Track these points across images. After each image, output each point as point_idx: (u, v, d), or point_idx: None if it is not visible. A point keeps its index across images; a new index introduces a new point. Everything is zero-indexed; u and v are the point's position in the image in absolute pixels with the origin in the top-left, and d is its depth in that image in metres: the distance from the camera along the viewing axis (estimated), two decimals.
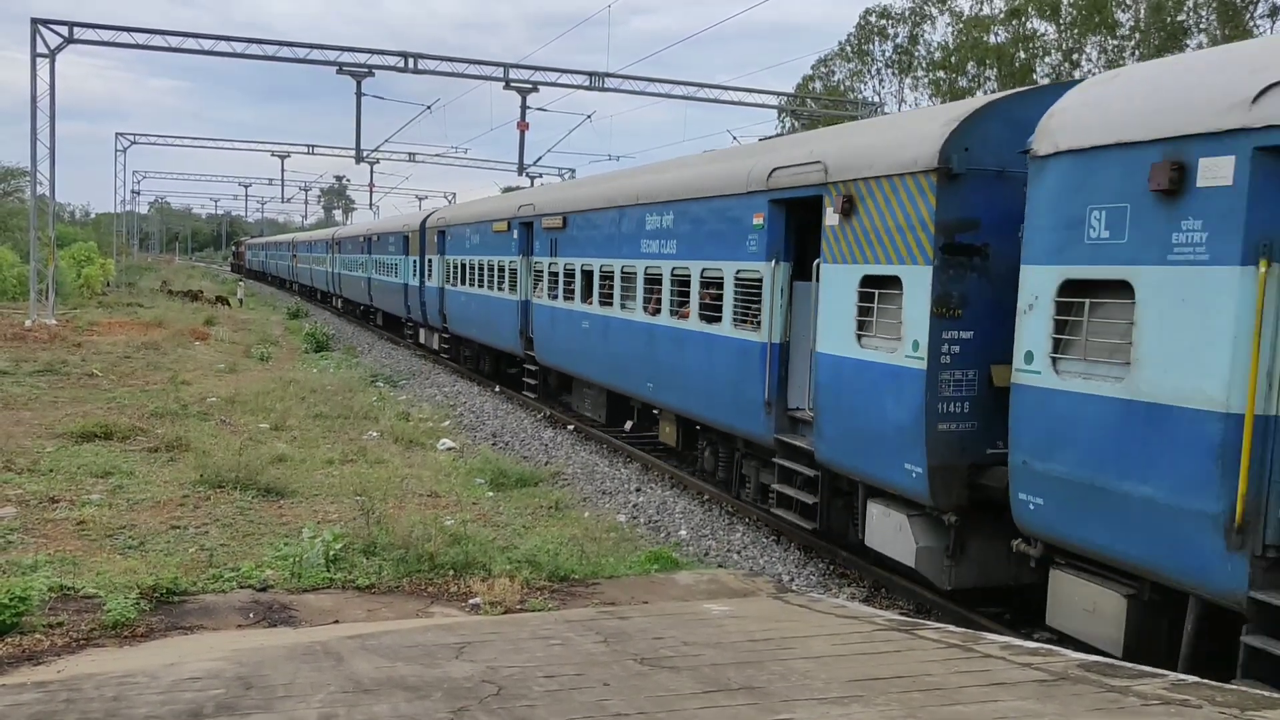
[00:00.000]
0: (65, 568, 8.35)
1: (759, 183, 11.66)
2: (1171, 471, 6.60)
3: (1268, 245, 6.05)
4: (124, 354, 24.76)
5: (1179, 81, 6.94)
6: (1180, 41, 47.73)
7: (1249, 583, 6.12)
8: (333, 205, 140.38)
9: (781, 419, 11.46)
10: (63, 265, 42.05)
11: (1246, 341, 6.15)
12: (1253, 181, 6.11)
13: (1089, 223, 7.25)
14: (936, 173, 8.77)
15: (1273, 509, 6.16)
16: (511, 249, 21.57)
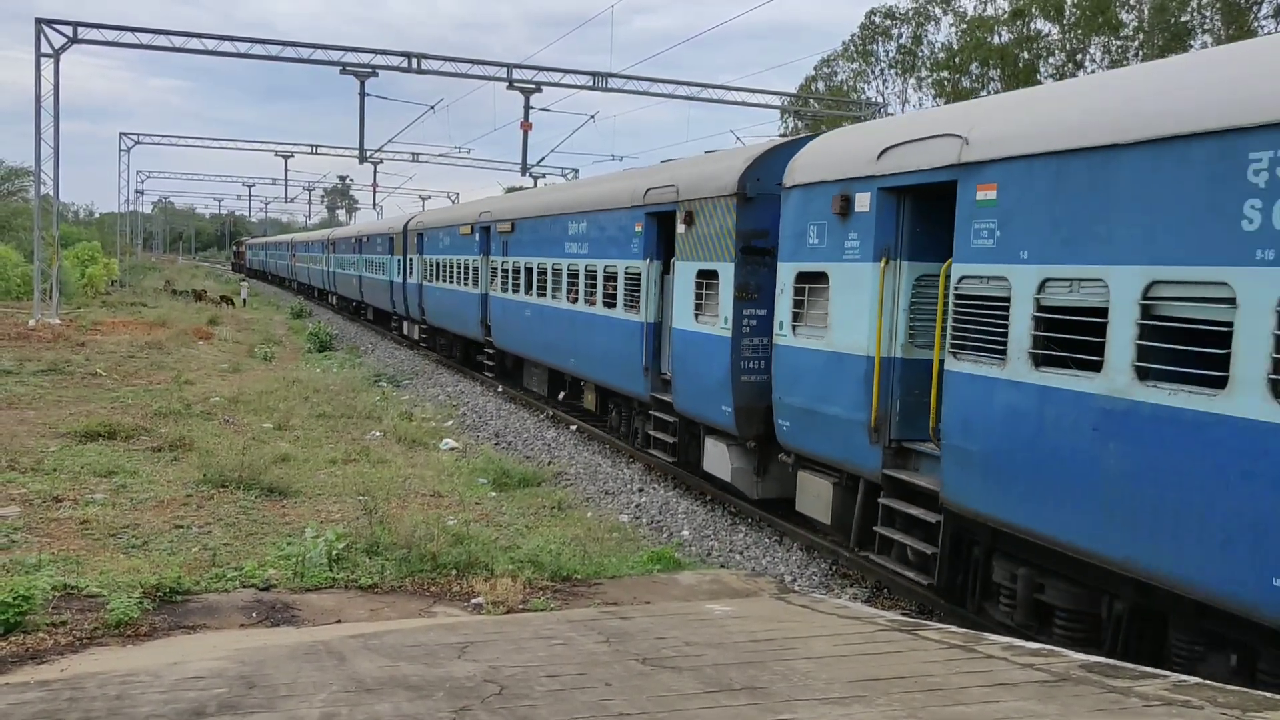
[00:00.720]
0: (68, 567, 8.37)
1: (638, 199, 15.12)
2: (846, 396, 9.96)
3: (885, 249, 9.49)
4: (128, 353, 24.81)
5: (850, 143, 10.45)
6: (1184, 42, 47.68)
7: (882, 464, 9.57)
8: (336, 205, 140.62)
9: (655, 380, 14.80)
10: (66, 265, 42.15)
11: (874, 310, 9.53)
12: (878, 209, 9.55)
13: (809, 234, 10.65)
14: (737, 196, 12.20)
15: (893, 417, 9.54)
16: (474, 249, 24.69)
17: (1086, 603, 7.70)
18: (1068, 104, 7.81)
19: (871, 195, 9.63)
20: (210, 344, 29.38)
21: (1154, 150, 6.65)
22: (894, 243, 9.51)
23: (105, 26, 31.67)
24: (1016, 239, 7.80)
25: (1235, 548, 5.93)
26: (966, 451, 8.30)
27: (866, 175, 9.70)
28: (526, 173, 43.54)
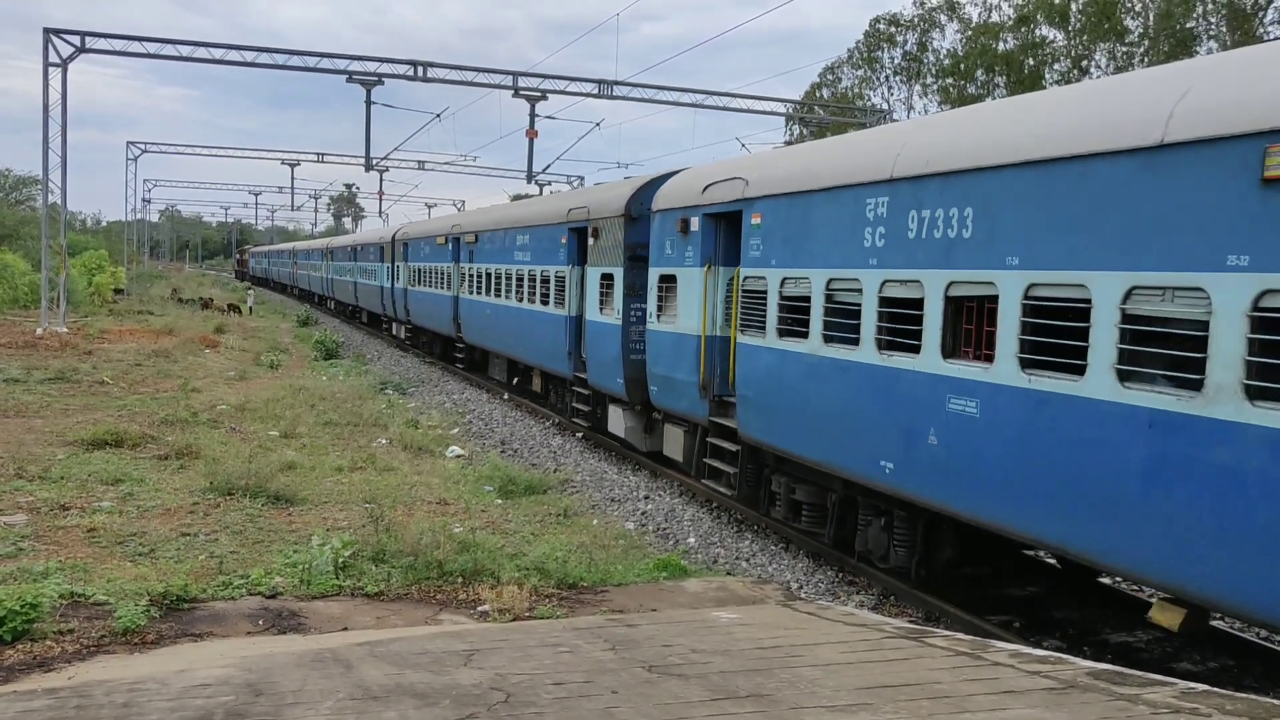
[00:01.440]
0: (76, 574, 8.39)
1: (563, 218, 19.07)
2: (687, 365, 13.47)
3: (708, 258, 13.01)
4: (134, 361, 24.87)
5: (689, 181, 13.95)
6: (1190, 48, 47.65)
7: (709, 413, 13.03)
8: (342, 213, 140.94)
9: (577, 363, 18.42)
10: (74, 273, 42.30)
11: (701, 302, 13.03)
12: (703, 229, 13.08)
13: (666, 245, 14.20)
14: (624, 216, 15.90)
15: (715, 379, 12.96)
16: (447, 257, 28.28)
17: (818, 497, 11.17)
18: (794, 161, 11.63)
19: (700, 219, 13.25)
20: (217, 352, 29.46)
21: (830, 194, 10.37)
22: (714, 253, 13.08)
23: (113, 36, 31.82)
24: (771, 251, 11.45)
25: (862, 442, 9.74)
26: (748, 398, 11.98)
27: (696, 204, 13.36)
28: (532, 180, 43.64)
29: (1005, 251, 7.94)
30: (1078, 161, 7.29)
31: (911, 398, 9.03)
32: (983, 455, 8.15)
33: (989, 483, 8.09)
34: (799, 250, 10.84)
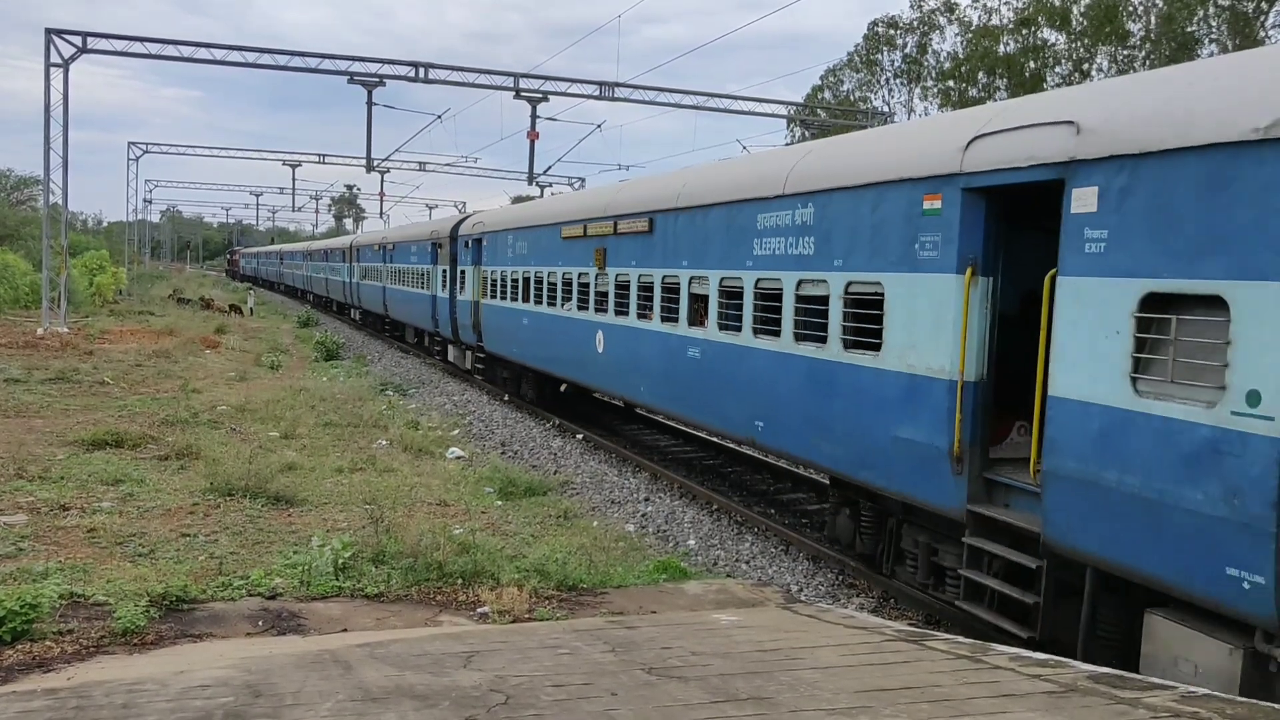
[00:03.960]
0: (76, 575, 8.38)
1: (426, 236, 31.28)
2: (467, 319, 25.59)
3: (475, 261, 25.18)
4: (135, 362, 24.87)
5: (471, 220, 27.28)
6: (1191, 51, 47.67)
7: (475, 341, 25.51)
8: (343, 214, 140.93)
9: (468, 331, 26.28)
10: (75, 273, 42.31)
11: (476, 284, 25.13)
12: (473, 246, 25.52)
13: (463, 255, 26.62)
14: (449, 238, 28.20)
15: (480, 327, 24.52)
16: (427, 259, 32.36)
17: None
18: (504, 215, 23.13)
19: (471, 240, 25.51)
20: (217, 353, 29.46)
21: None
22: (477, 259, 24.79)
23: (114, 36, 31.85)
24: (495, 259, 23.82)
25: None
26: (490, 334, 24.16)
27: (469, 234, 25.65)
28: (533, 182, 43.68)
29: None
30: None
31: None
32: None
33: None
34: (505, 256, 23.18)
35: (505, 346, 23.17)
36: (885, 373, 9.49)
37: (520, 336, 21.78)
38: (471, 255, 25.55)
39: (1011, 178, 8.06)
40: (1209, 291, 6.37)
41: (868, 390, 9.74)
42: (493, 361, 24.93)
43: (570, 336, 18.40)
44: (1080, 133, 7.40)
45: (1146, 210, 6.85)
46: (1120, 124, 7.13)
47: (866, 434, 9.80)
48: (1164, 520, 6.61)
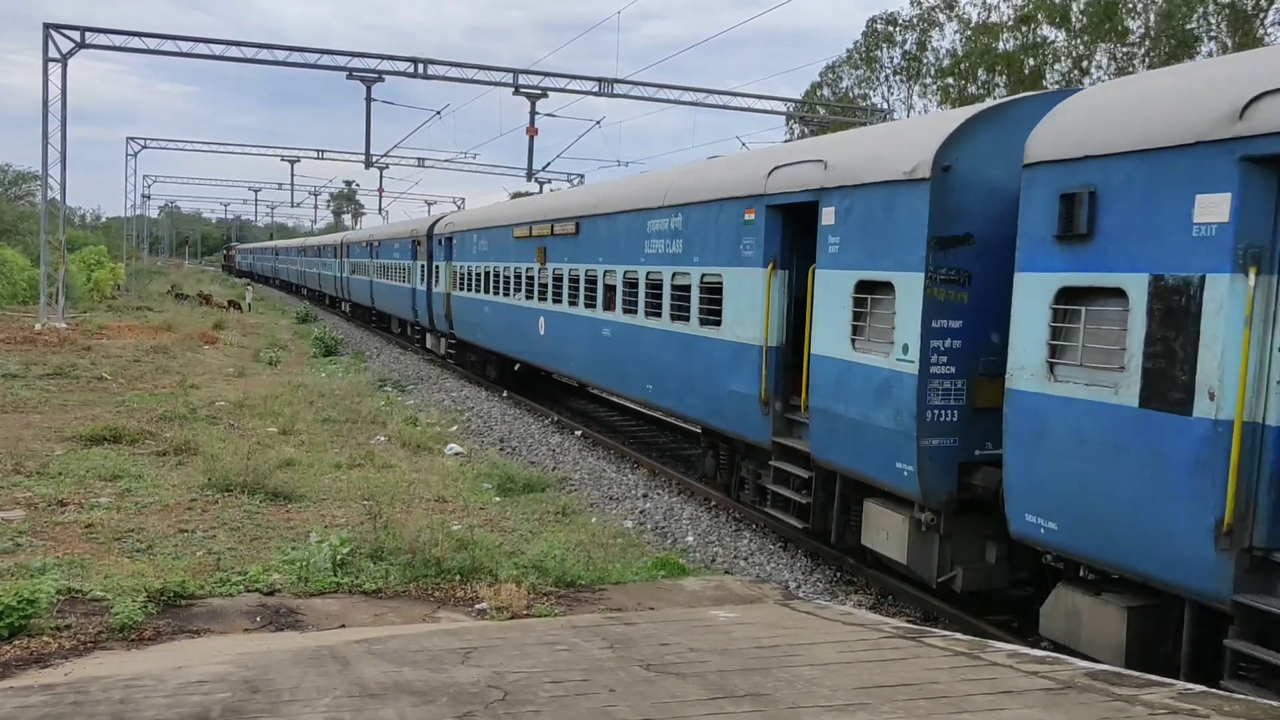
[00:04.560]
0: (73, 570, 8.38)
1: (407, 235, 34.05)
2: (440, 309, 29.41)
3: (447, 258, 28.66)
4: (133, 358, 24.85)
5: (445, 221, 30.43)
6: (1191, 49, 47.64)
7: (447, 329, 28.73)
8: (342, 210, 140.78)
9: (442, 320, 29.09)
10: (73, 269, 42.26)
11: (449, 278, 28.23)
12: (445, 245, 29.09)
13: (439, 253, 29.48)
14: (426, 236, 30.65)
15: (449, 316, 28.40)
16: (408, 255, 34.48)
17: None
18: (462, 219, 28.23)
19: (444, 239, 28.70)
20: (216, 349, 29.43)
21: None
22: (447, 254, 28.05)
23: (113, 31, 31.78)
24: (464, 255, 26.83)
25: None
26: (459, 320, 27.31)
27: (440, 234, 29.17)
28: (532, 178, 43.62)
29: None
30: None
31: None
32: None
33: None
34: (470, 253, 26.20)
35: (471, 333, 26.45)
36: (723, 342, 12.58)
37: (483, 324, 25.04)
38: (444, 252, 28.76)
39: (793, 198, 11.11)
40: (884, 279, 9.41)
41: (714, 356, 12.83)
42: (463, 346, 28.26)
43: (520, 322, 21.55)
44: (827, 169, 10.46)
45: (858, 224, 9.85)
46: (847, 164, 10.17)
47: (714, 389, 12.84)
48: (867, 435, 9.68)
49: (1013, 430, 7.90)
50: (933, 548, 9.20)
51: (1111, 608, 7.22)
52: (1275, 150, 6.06)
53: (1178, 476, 6.54)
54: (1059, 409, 7.42)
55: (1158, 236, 6.74)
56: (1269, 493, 6.24)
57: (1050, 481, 7.52)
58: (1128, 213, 6.98)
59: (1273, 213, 6.20)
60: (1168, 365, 6.62)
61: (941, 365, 8.96)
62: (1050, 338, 7.52)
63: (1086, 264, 7.29)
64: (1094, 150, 7.24)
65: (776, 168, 11.52)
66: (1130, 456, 6.87)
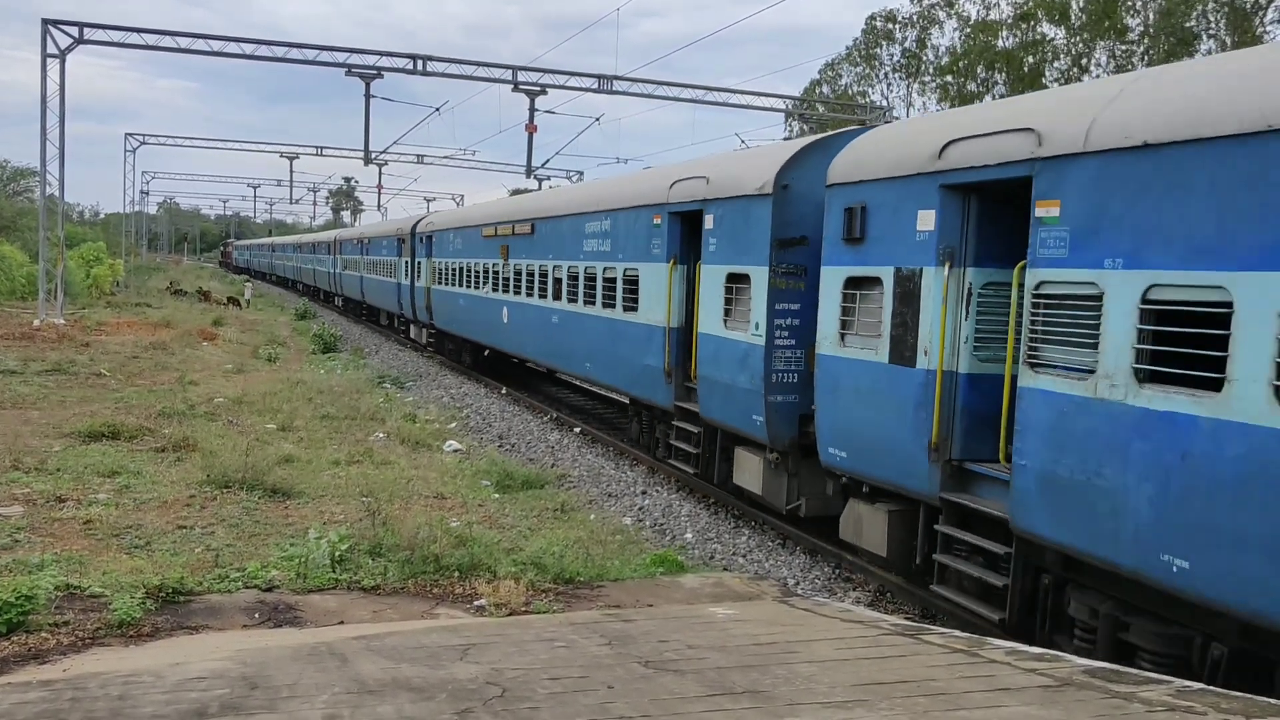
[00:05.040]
0: (72, 567, 8.37)
1: (394, 233, 36.09)
2: (421, 302, 31.59)
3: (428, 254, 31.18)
4: (132, 354, 24.84)
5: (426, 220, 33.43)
6: (1190, 47, 47.62)
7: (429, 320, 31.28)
8: (341, 206, 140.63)
9: (424, 312, 31.23)
10: (71, 265, 42.22)
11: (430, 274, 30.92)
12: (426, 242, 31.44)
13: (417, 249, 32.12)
14: (410, 234, 32.87)
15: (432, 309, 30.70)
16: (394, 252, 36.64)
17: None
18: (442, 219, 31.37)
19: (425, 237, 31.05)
20: (215, 345, 29.42)
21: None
22: (428, 251, 30.46)
23: (111, 27, 31.73)
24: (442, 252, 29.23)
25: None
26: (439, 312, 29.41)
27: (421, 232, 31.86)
28: (531, 175, 43.57)
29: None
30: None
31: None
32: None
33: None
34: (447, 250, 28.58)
35: (448, 323, 29.11)
36: (640, 325, 15.09)
37: (457, 314, 27.62)
38: (425, 249, 31.18)
39: (686, 207, 13.66)
40: (744, 272, 12.02)
41: (634, 337, 15.31)
42: (441, 336, 30.89)
43: (488, 312, 24.06)
44: (709, 184, 13.04)
45: (728, 228, 12.40)
46: (721, 180, 12.76)
47: (634, 365, 15.38)
48: (734, 395, 12.34)
49: (819, 385, 10.49)
50: (782, 482, 11.85)
51: (880, 512, 9.75)
52: (959, 180, 8.52)
53: (908, 411, 9.04)
54: (846, 367, 9.98)
55: (899, 239, 9.19)
56: (960, 420, 8.73)
57: (842, 421, 10.14)
58: (883, 222, 9.43)
59: (960, 224, 8.64)
60: (903, 332, 9.11)
61: (783, 338, 11.63)
62: (841, 314, 10.05)
63: (861, 260, 9.77)
64: (864, 176, 9.75)
65: (676, 181, 14.09)
66: (884, 399, 9.38)
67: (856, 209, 9.78)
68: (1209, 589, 6.18)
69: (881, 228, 9.45)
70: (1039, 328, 7.65)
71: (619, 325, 15.90)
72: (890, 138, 10.05)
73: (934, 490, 8.77)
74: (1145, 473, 6.65)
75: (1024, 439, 7.70)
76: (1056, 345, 7.52)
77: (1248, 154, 6.00)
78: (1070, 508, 7.27)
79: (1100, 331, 7.04)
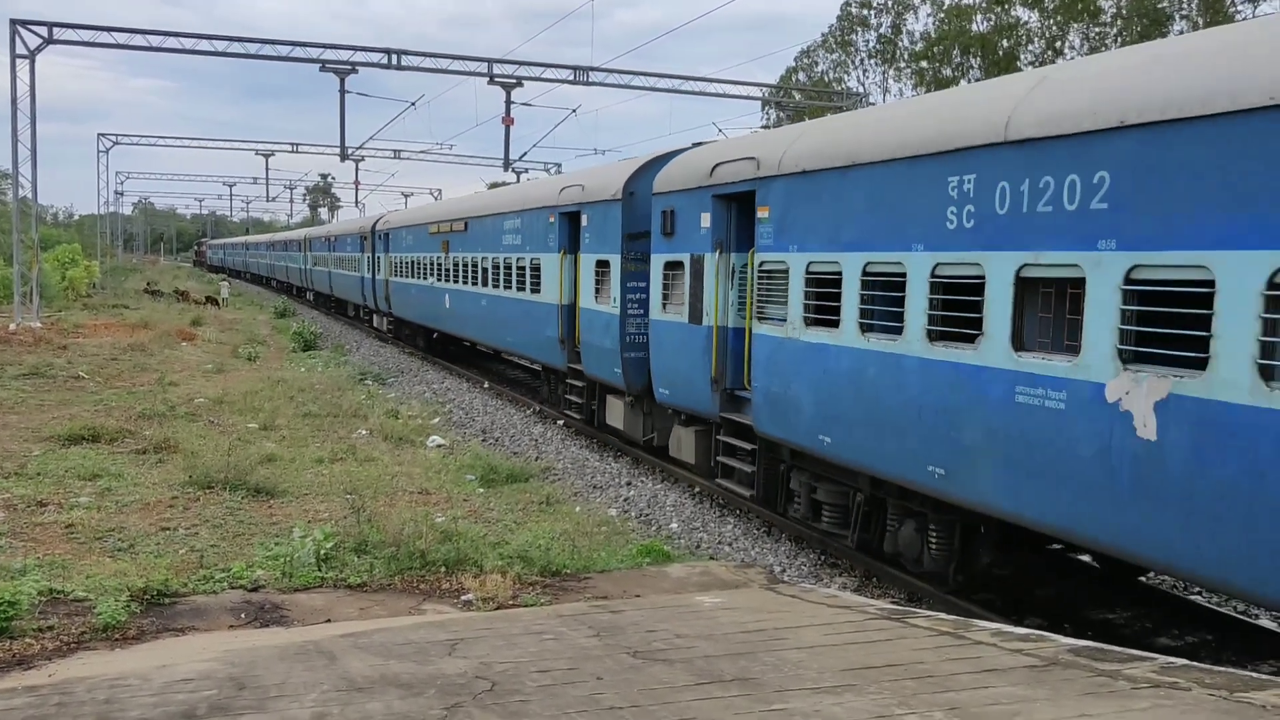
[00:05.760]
0: (55, 571, 8.31)
1: (356, 231, 39.54)
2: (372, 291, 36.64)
3: (385, 248, 34.13)
4: (110, 356, 24.65)
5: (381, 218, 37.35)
6: (1163, 28, 47.88)
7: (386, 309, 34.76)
8: (318, 203, 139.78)
9: (384, 302, 34.29)
10: (47, 268, 41.80)
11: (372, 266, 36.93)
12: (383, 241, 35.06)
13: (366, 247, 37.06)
14: (371, 232, 35.75)
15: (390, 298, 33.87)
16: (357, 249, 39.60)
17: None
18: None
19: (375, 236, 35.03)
20: (194, 345, 29.23)
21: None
22: (385, 247, 33.32)
23: (81, 27, 31.38)
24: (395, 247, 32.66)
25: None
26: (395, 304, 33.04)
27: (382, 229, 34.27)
28: (509, 168, 43.43)
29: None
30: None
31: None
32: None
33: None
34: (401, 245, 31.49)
35: (404, 311, 32.14)
36: (543, 304, 18.26)
37: (410, 303, 30.76)
38: (383, 246, 34.12)
39: (569, 209, 17.03)
40: (606, 259, 15.32)
41: (540, 314, 18.48)
42: (399, 323, 33.94)
43: (434, 299, 27.35)
44: (584, 190, 16.36)
45: (596, 226, 15.75)
46: (591, 188, 16.09)
47: (539, 336, 18.65)
48: (603, 355, 15.55)
49: (652, 342, 14.06)
50: (639, 419, 15.29)
51: (690, 432, 13.38)
52: (722, 192, 11.88)
53: (699, 357, 12.45)
54: (665, 328, 13.48)
55: (692, 234, 12.58)
56: (730, 361, 12.00)
57: (664, 368, 13.66)
58: (683, 222, 12.81)
59: (725, 223, 11.97)
60: (696, 300, 12.49)
61: (634, 309, 14.85)
62: (663, 289, 13.47)
63: (672, 249, 13.14)
64: (673, 188, 13.15)
65: (563, 188, 17.61)
66: (686, 349, 12.81)
67: (669, 211, 13.19)
68: (857, 455, 9.52)
69: (683, 225, 12.88)
70: (761, 293, 11.09)
71: (528, 305, 19.25)
72: (688, 159, 13.20)
73: (716, 411, 12.25)
74: (808, 383, 10.14)
75: (755, 369, 11.25)
76: (770, 304, 10.97)
77: (846, 180, 9.56)
78: (778, 411, 10.81)
79: (788, 294, 10.50)
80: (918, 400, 8.47)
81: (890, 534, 9.69)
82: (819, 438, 9.88)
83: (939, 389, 8.22)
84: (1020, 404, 7.39)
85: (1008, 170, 7.50)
